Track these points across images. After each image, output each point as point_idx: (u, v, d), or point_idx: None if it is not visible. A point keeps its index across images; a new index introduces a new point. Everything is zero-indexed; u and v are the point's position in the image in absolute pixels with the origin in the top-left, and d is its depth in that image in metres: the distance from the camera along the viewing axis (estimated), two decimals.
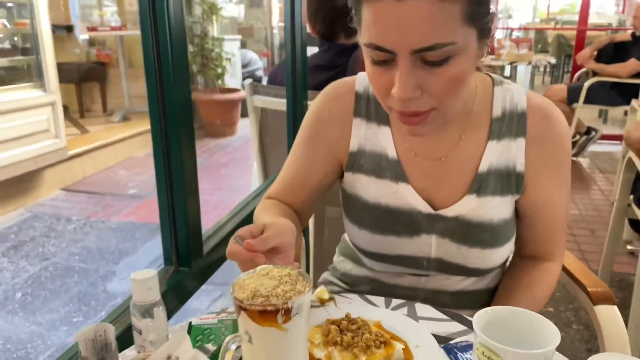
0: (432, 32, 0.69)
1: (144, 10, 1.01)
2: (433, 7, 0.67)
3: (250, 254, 0.69)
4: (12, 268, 2.80)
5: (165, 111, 1.03)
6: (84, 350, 0.69)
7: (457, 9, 0.69)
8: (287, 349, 0.59)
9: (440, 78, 0.72)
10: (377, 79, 0.76)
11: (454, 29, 0.70)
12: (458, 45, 0.71)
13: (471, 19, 0.71)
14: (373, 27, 0.71)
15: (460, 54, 0.72)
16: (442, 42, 0.69)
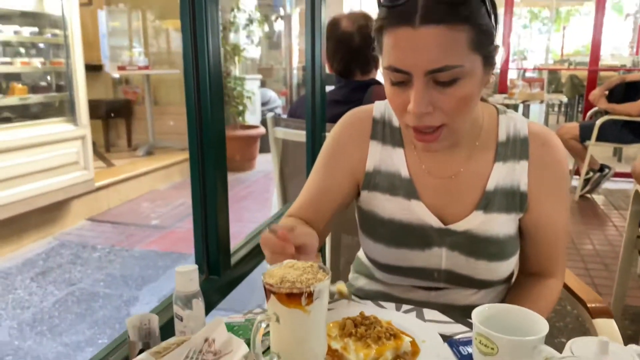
0: (443, 56, 0.80)
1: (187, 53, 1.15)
2: (443, 34, 0.79)
3: (282, 243, 0.77)
4: (40, 292, 2.92)
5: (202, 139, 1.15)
6: (132, 335, 0.80)
7: (464, 36, 0.80)
8: (309, 329, 0.69)
9: (450, 97, 0.83)
10: (395, 98, 0.87)
11: (462, 54, 0.81)
12: (465, 69, 0.82)
13: (476, 47, 0.82)
14: (392, 51, 0.83)
15: (467, 76, 0.83)
16: (451, 64, 0.80)
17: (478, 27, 0.81)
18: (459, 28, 0.79)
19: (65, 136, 3.80)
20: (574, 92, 7.53)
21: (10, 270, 3.20)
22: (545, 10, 14.01)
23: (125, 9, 6.02)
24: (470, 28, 0.80)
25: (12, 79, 3.75)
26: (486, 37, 0.84)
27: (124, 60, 5.58)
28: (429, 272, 1.03)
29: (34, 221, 3.62)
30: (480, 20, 0.82)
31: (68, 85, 3.95)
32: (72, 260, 3.36)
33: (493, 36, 0.86)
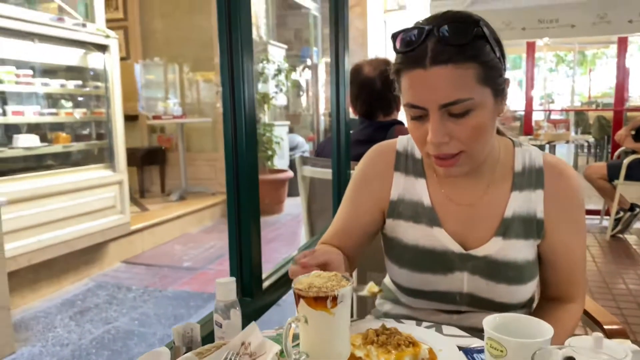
0: (453, 91, 0.89)
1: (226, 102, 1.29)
2: (451, 72, 0.88)
3: (304, 270, 0.86)
4: (78, 331, 3.02)
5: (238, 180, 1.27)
6: (177, 341, 0.89)
7: (472, 72, 0.89)
8: (334, 329, 0.77)
9: (464, 127, 0.91)
10: (415, 131, 0.96)
11: (471, 88, 0.90)
12: (475, 101, 0.90)
13: (484, 81, 0.91)
14: (409, 91, 0.93)
15: (478, 108, 0.91)
16: (461, 98, 0.89)
17: (484, 64, 0.91)
18: (466, 66, 0.89)
19: (104, 181, 4.01)
20: (601, 132, 7.51)
21: (50, 309, 3.33)
22: (571, 54, 14.10)
23: (160, 62, 6.38)
24: (476, 65, 0.90)
25: (56, 129, 4.00)
26: (493, 71, 0.92)
27: (159, 110, 5.87)
28: (451, 296, 1.08)
29: (73, 263, 3.77)
30: (485, 57, 0.91)
31: (108, 134, 4.19)
32: (108, 300, 3.47)
33: (500, 70, 0.95)
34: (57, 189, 3.59)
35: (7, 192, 3.02)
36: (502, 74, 0.96)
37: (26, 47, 3.57)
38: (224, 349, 0.82)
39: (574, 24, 4.69)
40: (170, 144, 6.27)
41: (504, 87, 0.97)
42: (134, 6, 6.23)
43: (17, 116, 3.58)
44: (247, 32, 1.31)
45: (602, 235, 4.54)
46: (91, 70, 4.20)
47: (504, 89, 0.97)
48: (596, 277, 3.57)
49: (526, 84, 5.55)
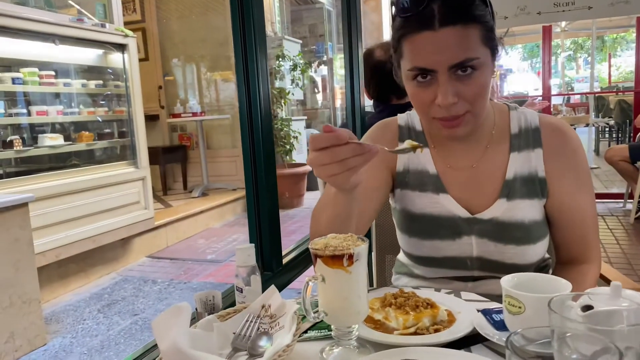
0: (462, 51, 0.91)
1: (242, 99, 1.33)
2: (460, 32, 0.91)
3: (331, 133, 0.75)
4: (107, 322, 3.10)
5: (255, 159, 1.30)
6: (199, 307, 0.93)
7: (477, 33, 0.92)
8: (351, 287, 0.79)
9: (471, 86, 0.93)
10: (421, 96, 0.97)
11: (476, 47, 0.93)
12: (481, 59, 0.93)
13: (486, 41, 0.94)
14: (416, 54, 0.94)
15: (482, 67, 0.94)
16: (470, 57, 0.91)
17: (486, 24, 0.94)
18: (472, 26, 0.92)
19: (127, 178, 4.09)
20: (623, 116, 7.38)
21: (79, 303, 3.42)
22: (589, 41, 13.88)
23: (179, 63, 6.47)
24: (480, 26, 0.93)
25: (80, 128, 4.10)
26: (492, 33, 0.96)
27: (178, 108, 5.96)
28: (462, 261, 1.10)
29: (99, 258, 3.86)
30: (487, 18, 0.94)
31: (129, 132, 4.27)
32: (135, 293, 3.55)
33: (495, 32, 0.98)
34: (82, 186, 3.68)
35: (34, 190, 3.11)
36: (496, 37, 0.99)
37: (48, 48, 3.66)
38: (244, 312, 0.85)
39: (591, 6, 4.60)
40: (190, 142, 6.36)
41: (498, 48, 0.99)
42: (151, 8, 6.33)
43: (41, 116, 3.68)
44: (261, 29, 1.34)
45: (626, 219, 4.48)
46: (111, 70, 4.29)
47: (498, 51, 1.00)
48: (621, 259, 3.53)
49: (543, 69, 5.48)
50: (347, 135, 0.76)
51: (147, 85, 5.51)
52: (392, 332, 0.86)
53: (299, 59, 6.35)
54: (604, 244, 3.83)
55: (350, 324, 0.81)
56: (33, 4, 3.65)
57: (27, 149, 3.57)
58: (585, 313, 0.65)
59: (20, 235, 2.64)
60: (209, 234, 4.94)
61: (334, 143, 0.75)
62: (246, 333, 0.80)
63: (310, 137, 0.80)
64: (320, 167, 0.78)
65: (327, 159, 0.76)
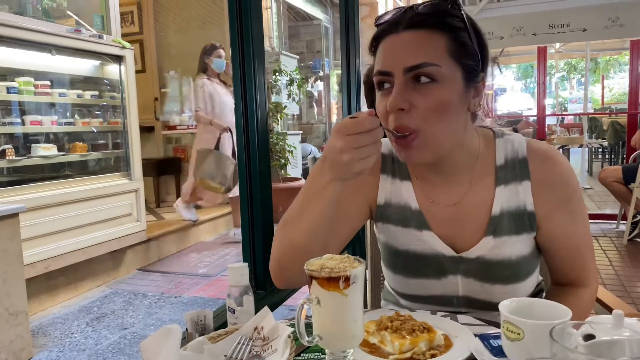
0: (420, 54, 0.88)
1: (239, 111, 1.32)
2: (422, 36, 0.89)
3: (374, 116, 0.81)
4: (95, 336, 3.05)
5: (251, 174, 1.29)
6: (189, 327, 0.90)
7: (442, 42, 0.89)
8: (347, 311, 0.78)
9: (426, 97, 0.88)
10: (382, 104, 0.92)
11: (439, 56, 0.88)
12: (442, 70, 0.88)
13: (455, 55, 0.90)
14: (379, 58, 0.94)
15: (445, 81, 0.88)
16: (427, 61, 0.87)
17: (456, 39, 0.90)
18: (437, 33, 0.89)
19: (121, 189, 4.06)
20: (616, 138, 7.44)
21: (67, 315, 3.36)
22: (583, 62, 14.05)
23: (175, 75, 6.47)
24: (448, 37, 0.89)
25: (74, 138, 4.07)
26: (466, 51, 0.91)
27: (174, 120, 5.94)
28: (448, 299, 1.06)
29: (89, 270, 3.81)
30: (458, 33, 0.90)
31: (124, 143, 4.25)
32: (125, 306, 3.50)
33: (473, 55, 0.92)
34: (75, 197, 3.64)
35: (26, 200, 3.07)
36: (478, 66, 0.93)
37: (44, 58, 3.65)
38: (236, 334, 0.83)
39: (585, 28, 4.66)
40: (185, 154, 6.34)
41: (478, 78, 0.94)
42: (149, 20, 6.35)
43: (35, 126, 3.65)
44: (259, 43, 1.34)
45: (619, 240, 4.49)
46: (107, 81, 4.27)
47: (477, 80, 0.94)
48: (614, 281, 3.52)
49: (538, 89, 5.53)
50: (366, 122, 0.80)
51: (143, 97, 5.50)
52: (388, 357, 0.84)
53: (296, 74, 6.37)
54: (598, 265, 3.82)
55: (345, 348, 0.79)
56: (31, 13, 3.64)
57: (20, 158, 3.54)
58: (587, 342, 0.64)
59: (9, 246, 2.59)
60: (201, 248, 4.90)
61: (358, 130, 0.79)
62: (237, 356, 0.78)
63: (337, 125, 0.82)
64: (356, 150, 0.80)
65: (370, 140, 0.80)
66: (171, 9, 6.33)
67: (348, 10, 2.59)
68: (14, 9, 3.57)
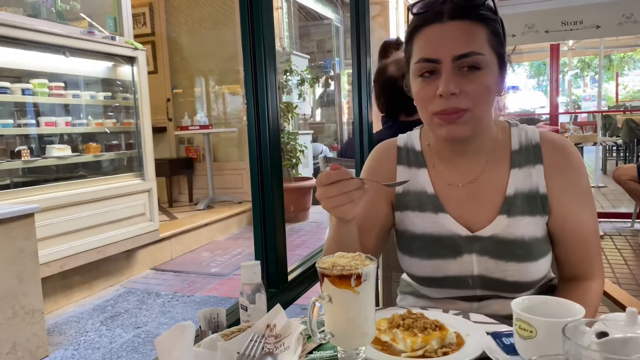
0: (468, 43, 0.95)
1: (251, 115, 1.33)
2: (467, 26, 0.96)
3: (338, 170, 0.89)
4: (109, 335, 3.08)
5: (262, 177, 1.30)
6: (203, 325, 0.91)
7: (483, 33, 0.97)
8: (359, 308, 0.78)
9: (474, 83, 0.95)
10: (424, 89, 0.99)
11: (482, 44, 0.96)
12: (486, 58, 0.96)
13: (492, 44, 0.98)
14: (423, 46, 0.98)
15: (487, 68, 0.96)
16: (475, 51, 0.95)
17: (492, 28, 0.98)
18: (479, 24, 0.97)
19: (134, 190, 4.10)
20: (631, 136, 7.34)
21: (82, 314, 3.40)
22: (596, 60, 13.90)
23: (187, 76, 6.52)
24: (487, 27, 0.97)
25: (87, 139, 4.12)
26: (499, 42, 0.99)
27: (186, 121, 5.98)
28: (463, 280, 1.08)
29: (104, 269, 3.86)
30: (494, 25, 0.99)
31: (137, 144, 4.29)
32: (138, 305, 3.53)
33: (504, 44, 1.01)
34: (89, 197, 3.68)
35: (40, 200, 3.11)
36: (505, 50, 1.01)
37: (58, 60, 3.70)
38: (249, 331, 0.84)
39: (599, 25, 4.61)
40: (197, 154, 6.38)
41: (506, 66, 1.03)
42: (161, 22, 6.40)
43: (49, 127, 3.70)
44: (270, 43, 1.35)
45: (634, 238, 4.43)
46: (120, 82, 4.32)
47: (506, 65, 1.02)
48: (629, 280, 3.48)
49: (550, 86, 5.48)
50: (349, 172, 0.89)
51: (155, 97, 5.55)
52: (400, 355, 0.84)
53: (307, 74, 6.39)
54: (612, 264, 3.79)
55: (357, 346, 0.79)
56: (45, 16, 3.69)
57: (35, 159, 3.58)
58: (600, 340, 0.63)
59: (25, 246, 2.63)
60: (214, 247, 4.93)
61: (341, 178, 0.88)
62: (250, 353, 0.78)
63: (319, 175, 0.92)
64: (329, 200, 0.90)
65: (336, 191, 0.89)
66: (183, 10, 6.37)
67: (359, 9, 2.59)
68: (28, 11, 3.61)
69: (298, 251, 4.62)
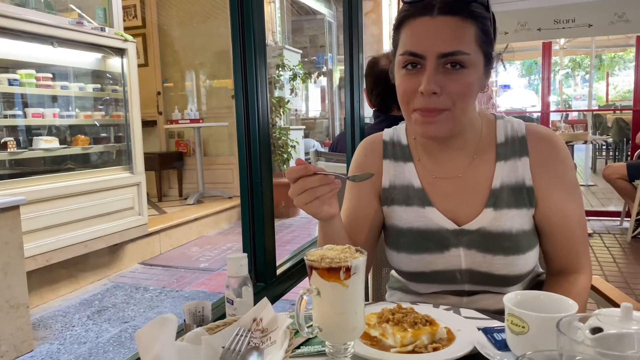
0: (454, 42, 0.92)
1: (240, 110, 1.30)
2: (456, 23, 0.93)
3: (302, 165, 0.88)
4: (96, 329, 3.04)
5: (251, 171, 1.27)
6: (187, 319, 0.89)
7: (472, 31, 0.94)
8: (348, 302, 0.76)
9: (456, 83, 0.93)
10: (407, 83, 0.96)
11: (470, 44, 0.93)
12: (472, 58, 0.93)
13: (480, 43, 0.95)
14: (410, 38, 0.95)
15: (472, 67, 0.94)
16: (461, 50, 0.92)
17: (483, 28, 0.95)
18: (469, 22, 0.93)
19: (122, 183, 4.05)
20: (620, 135, 7.39)
21: (68, 309, 3.36)
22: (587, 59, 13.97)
23: (178, 70, 6.46)
24: (477, 26, 0.94)
25: (76, 131, 4.06)
26: (488, 40, 0.97)
27: (176, 114, 5.93)
28: (451, 274, 1.08)
29: (91, 263, 3.81)
30: (484, 21, 0.95)
31: (126, 137, 4.24)
32: (126, 300, 3.50)
33: (492, 42, 0.99)
34: (76, 190, 3.63)
35: (27, 193, 3.07)
36: (493, 48, 0.99)
37: (46, 51, 3.63)
38: (235, 325, 0.81)
39: (591, 24, 4.62)
40: (187, 148, 6.33)
41: (492, 63, 1.00)
42: (153, 15, 6.33)
43: (36, 118, 3.64)
44: (261, 37, 1.32)
45: (623, 237, 4.46)
46: (109, 74, 4.26)
47: (492, 63, 1.00)
48: (618, 278, 3.49)
49: (542, 84, 5.49)
50: (313, 168, 0.87)
51: (145, 91, 5.49)
52: (389, 350, 0.82)
53: (299, 69, 6.35)
54: (601, 262, 3.80)
55: (346, 341, 0.77)
56: (33, 5, 3.62)
57: (22, 151, 3.53)
58: (594, 336, 0.62)
59: (10, 239, 2.59)
60: (203, 242, 4.89)
61: (303, 174, 0.87)
62: (236, 347, 0.76)
63: (286, 171, 0.92)
64: (295, 197, 0.89)
65: (299, 189, 0.87)
66: (174, 3, 6.31)
67: (351, 5, 2.56)
68: (16, 0, 3.54)
69: (289, 247, 4.60)
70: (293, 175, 0.88)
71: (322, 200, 0.89)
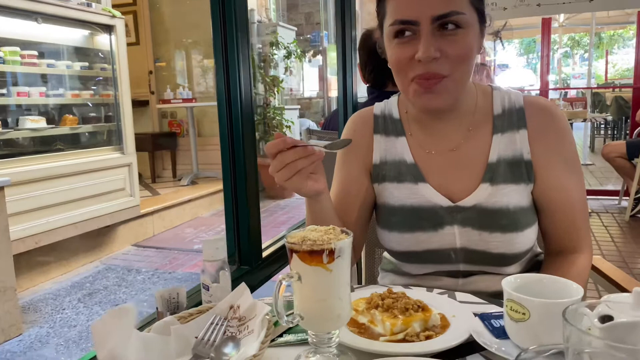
0: (447, 2, 0.86)
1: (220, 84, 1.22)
2: None
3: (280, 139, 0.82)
4: (87, 312, 2.99)
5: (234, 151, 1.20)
6: (160, 306, 0.82)
7: None
8: (331, 288, 0.69)
9: (455, 44, 0.88)
10: (401, 52, 0.90)
11: (462, 2, 0.88)
12: (467, 17, 0.88)
13: (474, 2, 0.90)
14: (398, 6, 0.89)
15: (468, 27, 0.89)
16: (456, 10, 0.87)
17: None
18: None
19: (113, 164, 3.96)
20: (620, 113, 7.32)
21: (59, 292, 3.30)
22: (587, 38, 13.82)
23: (170, 48, 6.32)
24: None
25: (64, 111, 3.96)
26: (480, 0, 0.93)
27: (168, 94, 5.82)
28: (445, 253, 1.02)
29: (82, 246, 3.75)
30: None
31: (116, 116, 4.14)
32: (118, 282, 3.44)
33: (484, 6, 0.94)
34: (65, 171, 3.55)
35: (13, 174, 2.98)
36: (484, 11, 0.94)
37: (30, 27, 3.52)
38: (210, 313, 0.75)
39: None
40: (181, 129, 6.23)
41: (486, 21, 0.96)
42: None
43: (22, 97, 3.54)
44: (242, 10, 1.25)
45: (621, 216, 4.41)
46: (98, 52, 4.14)
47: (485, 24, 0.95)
48: (616, 257, 3.46)
49: (541, 62, 5.38)
50: (291, 141, 0.81)
51: (137, 70, 5.37)
52: (378, 339, 0.76)
53: (294, 47, 6.22)
54: (599, 241, 3.76)
55: (330, 329, 0.71)
56: None
57: (7, 131, 3.43)
58: (604, 325, 0.55)
59: None
60: (198, 223, 4.83)
61: (280, 148, 0.81)
62: (210, 337, 0.70)
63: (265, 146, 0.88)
64: (276, 174, 0.84)
65: (279, 164, 0.82)
66: None
67: None
68: None
69: (282, 227, 4.54)
70: (272, 151, 0.82)
71: (304, 174, 0.84)
